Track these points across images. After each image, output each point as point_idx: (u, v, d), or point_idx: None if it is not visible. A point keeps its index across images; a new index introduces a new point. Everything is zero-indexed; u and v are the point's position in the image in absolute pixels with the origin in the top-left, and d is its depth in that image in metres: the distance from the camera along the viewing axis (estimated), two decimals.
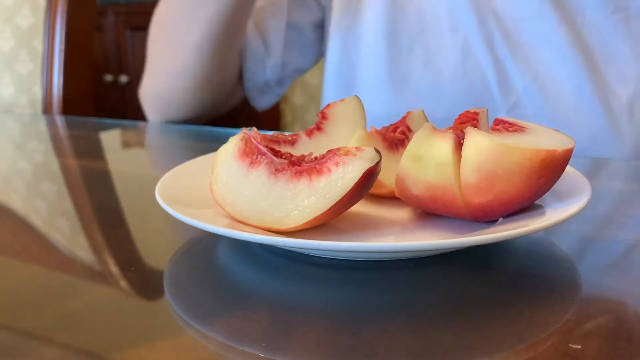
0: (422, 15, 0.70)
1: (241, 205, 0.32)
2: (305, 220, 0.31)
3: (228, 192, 0.33)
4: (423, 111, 0.43)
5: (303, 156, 0.34)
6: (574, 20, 0.65)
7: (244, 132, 0.35)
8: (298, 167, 0.32)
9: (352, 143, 0.37)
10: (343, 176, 0.31)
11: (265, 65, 0.81)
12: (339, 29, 0.76)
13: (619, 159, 0.64)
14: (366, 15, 0.74)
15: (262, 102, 0.87)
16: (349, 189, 0.31)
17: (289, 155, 0.34)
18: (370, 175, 0.31)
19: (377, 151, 0.31)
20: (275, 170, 0.32)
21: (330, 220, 0.34)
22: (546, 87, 0.66)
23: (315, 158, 0.33)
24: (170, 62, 0.74)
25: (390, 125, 0.41)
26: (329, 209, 0.31)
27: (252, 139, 0.34)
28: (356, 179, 0.31)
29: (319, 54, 0.87)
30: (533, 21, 0.66)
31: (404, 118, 0.42)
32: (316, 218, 0.31)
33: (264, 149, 0.33)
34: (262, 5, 0.80)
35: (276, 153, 0.34)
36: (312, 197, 0.31)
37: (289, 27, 0.80)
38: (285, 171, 0.32)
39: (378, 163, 0.31)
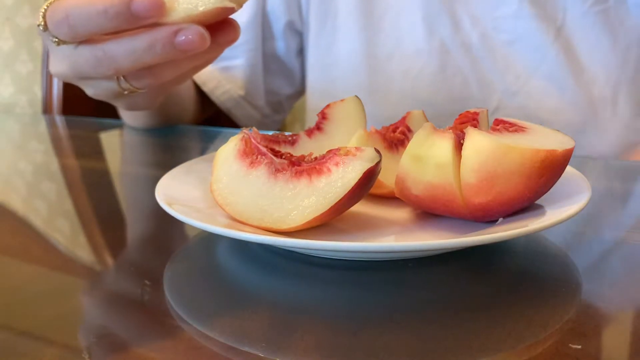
0: (398, 24, 0.70)
1: (241, 205, 0.32)
2: (305, 220, 0.31)
3: (228, 193, 0.33)
4: (423, 111, 0.43)
5: (303, 156, 0.34)
6: (555, 17, 0.65)
7: (244, 132, 0.35)
8: (298, 167, 0.32)
9: (352, 143, 0.37)
10: (343, 176, 0.31)
11: (253, 106, 0.80)
12: (318, 48, 0.76)
13: (604, 152, 0.65)
14: (342, 31, 0.73)
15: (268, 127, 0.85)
16: (349, 189, 0.31)
17: (289, 155, 0.34)
18: (370, 176, 0.31)
19: (377, 151, 0.31)
20: (275, 170, 0.32)
21: (330, 220, 0.34)
22: (528, 87, 0.66)
23: (315, 158, 0.33)
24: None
25: (391, 125, 0.41)
26: (329, 209, 0.31)
27: (252, 139, 0.34)
28: (356, 179, 0.31)
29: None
30: (512, 20, 0.65)
31: (404, 118, 0.42)
32: (316, 218, 0.31)
33: (264, 149, 0.33)
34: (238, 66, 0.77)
35: (276, 153, 0.34)
36: (312, 197, 0.31)
37: (266, 73, 0.79)
38: (285, 171, 0.32)
39: (378, 163, 0.31)
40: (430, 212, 0.35)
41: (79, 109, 1.03)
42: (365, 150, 0.31)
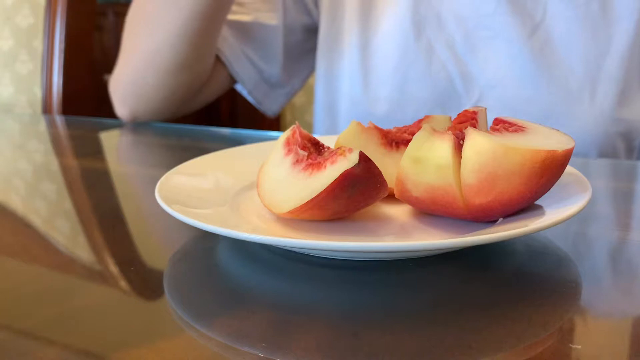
0: (390, 26, 0.75)
1: (266, 183, 0.36)
2: (288, 209, 0.33)
3: (265, 171, 0.37)
4: (450, 117, 0.42)
5: (331, 152, 0.35)
6: (534, 12, 0.67)
7: (296, 124, 0.38)
8: (309, 161, 0.34)
9: (343, 134, 0.39)
10: (327, 174, 0.32)
11: (259, 69, 0.82)
12: (325, 50, 0.80)
13: (581, 141, 0.66)
14: (345, 32, 0.78)
15: (270, 105, 0.86)
16: (325, 187, 0.31)
17: (325, 149, 0.37)
18: (350, 177, 0.31)
19: (363, 155, 0.31)
20: (296, 160, 0.35)
21: (319, 217, 0.34)
22: (505, 79, 0.69)
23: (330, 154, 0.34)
24: (146, 41, 0.72)
25: (403, 126, 0.41)
26: (306, 203, 0.32)
27: (296, 130, 0.37)
28: (333, 179, 0.31)
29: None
30: (491, 17, 0.69)
31: (420, 121, 0.41)
32: (297, 209, 0.32)
33: (298, 140, 0.36)
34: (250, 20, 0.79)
35: (319, 147, 0.36)
36: (303, 190, 0.32)
37: (285, 30, 0.81)
38: (302, 162, 0.34)
39: (355, 167, 0.31)
40: (430, 213, 0.35)
41: (79, 109, 1.03)
42: (353, 152, 0.31)
